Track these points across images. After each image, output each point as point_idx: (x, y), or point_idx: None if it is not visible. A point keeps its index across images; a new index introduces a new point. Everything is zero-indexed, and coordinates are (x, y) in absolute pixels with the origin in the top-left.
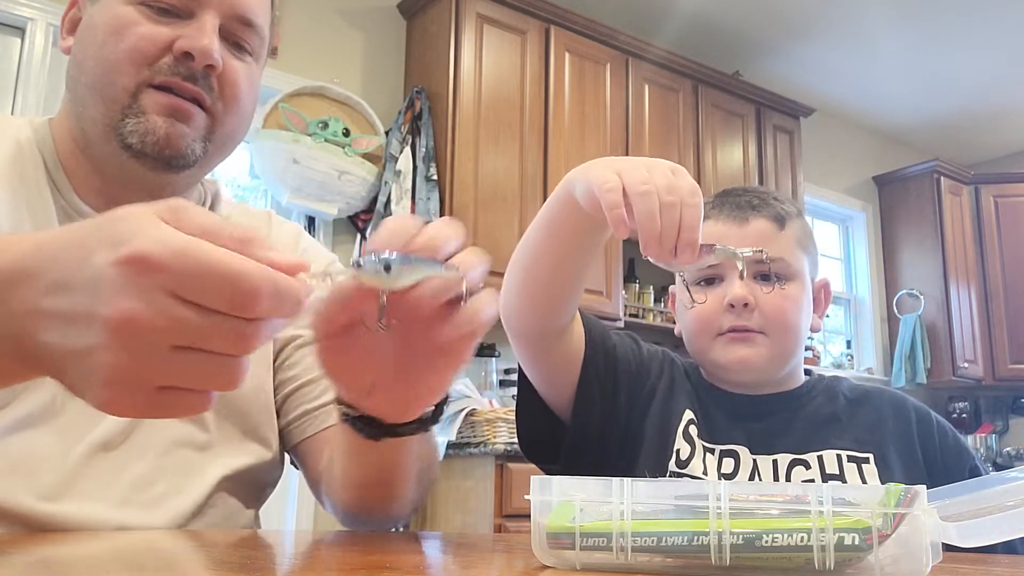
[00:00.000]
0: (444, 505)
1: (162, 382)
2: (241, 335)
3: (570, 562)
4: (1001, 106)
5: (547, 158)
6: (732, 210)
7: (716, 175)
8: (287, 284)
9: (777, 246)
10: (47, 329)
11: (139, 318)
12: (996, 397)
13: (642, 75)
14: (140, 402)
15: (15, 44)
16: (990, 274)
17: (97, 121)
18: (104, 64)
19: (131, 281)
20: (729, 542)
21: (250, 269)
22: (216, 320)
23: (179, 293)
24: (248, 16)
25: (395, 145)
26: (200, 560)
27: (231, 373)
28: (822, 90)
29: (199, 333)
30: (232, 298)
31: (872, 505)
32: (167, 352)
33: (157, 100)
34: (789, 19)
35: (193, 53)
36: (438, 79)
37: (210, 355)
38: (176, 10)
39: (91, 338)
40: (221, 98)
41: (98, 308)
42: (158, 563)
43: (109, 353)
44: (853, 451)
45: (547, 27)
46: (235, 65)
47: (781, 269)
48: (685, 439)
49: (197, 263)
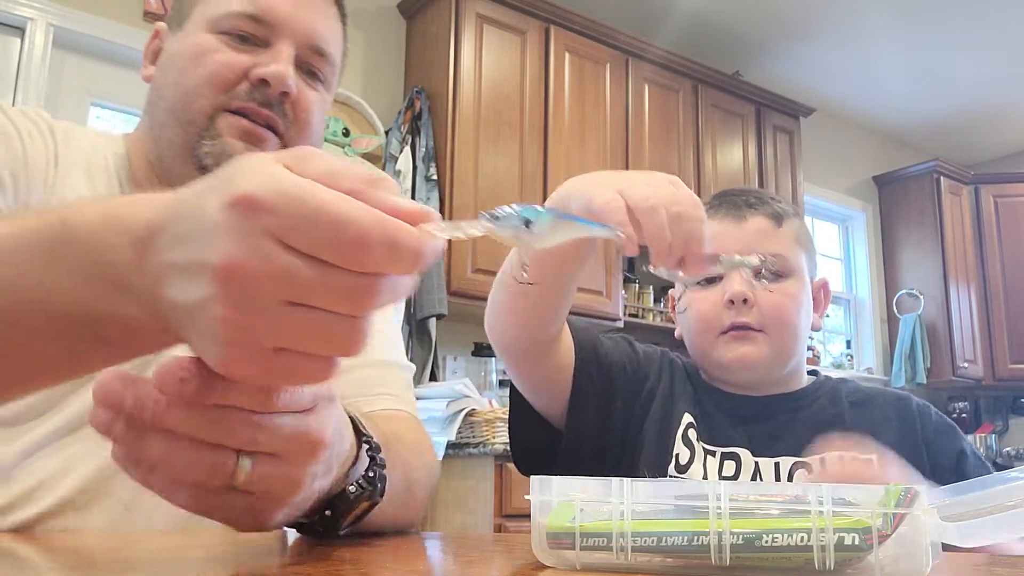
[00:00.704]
0: (444, 505)
1: (277, 342)
2: (354, 290)
3: (570, 562)
4: (1001, 106)
5: (547, 158)
6: (730, 209)
7: (716, 175)
8: (401, 232)
9: (775, 243)
10: (170, 284)
11: (245, 266)
12: (996, 397)
13: (642, 75)
14: (256, 364)
15: (15, 44)
16: (990, 274)
17: (175, 143)
18: (183, 88)
19: (237, 225)
20: (729, 542)
21: (359, 214)
22: (326, 272)
23: (286, 239)
24: (322, 46)
25: (395, 145)
26: (199, 560)
27: (350, 336)
28: (822, 90)
29: (309, 286)
30: (340, 246)
31: (872, 505)
32: (279, 307)
33: (233, 124)
34: (789, 19)
35: (269, 80)
36: (438, 79)
37: (326, 314)
38: (254, 39)
39: (203, 289)
40: (294, 123)
41: (207, 255)
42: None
43: (220, 306)
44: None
45: (547, 27)
46: (308, 93)
47: (779, 266)
48: (684, 443)
49: (303, 205)
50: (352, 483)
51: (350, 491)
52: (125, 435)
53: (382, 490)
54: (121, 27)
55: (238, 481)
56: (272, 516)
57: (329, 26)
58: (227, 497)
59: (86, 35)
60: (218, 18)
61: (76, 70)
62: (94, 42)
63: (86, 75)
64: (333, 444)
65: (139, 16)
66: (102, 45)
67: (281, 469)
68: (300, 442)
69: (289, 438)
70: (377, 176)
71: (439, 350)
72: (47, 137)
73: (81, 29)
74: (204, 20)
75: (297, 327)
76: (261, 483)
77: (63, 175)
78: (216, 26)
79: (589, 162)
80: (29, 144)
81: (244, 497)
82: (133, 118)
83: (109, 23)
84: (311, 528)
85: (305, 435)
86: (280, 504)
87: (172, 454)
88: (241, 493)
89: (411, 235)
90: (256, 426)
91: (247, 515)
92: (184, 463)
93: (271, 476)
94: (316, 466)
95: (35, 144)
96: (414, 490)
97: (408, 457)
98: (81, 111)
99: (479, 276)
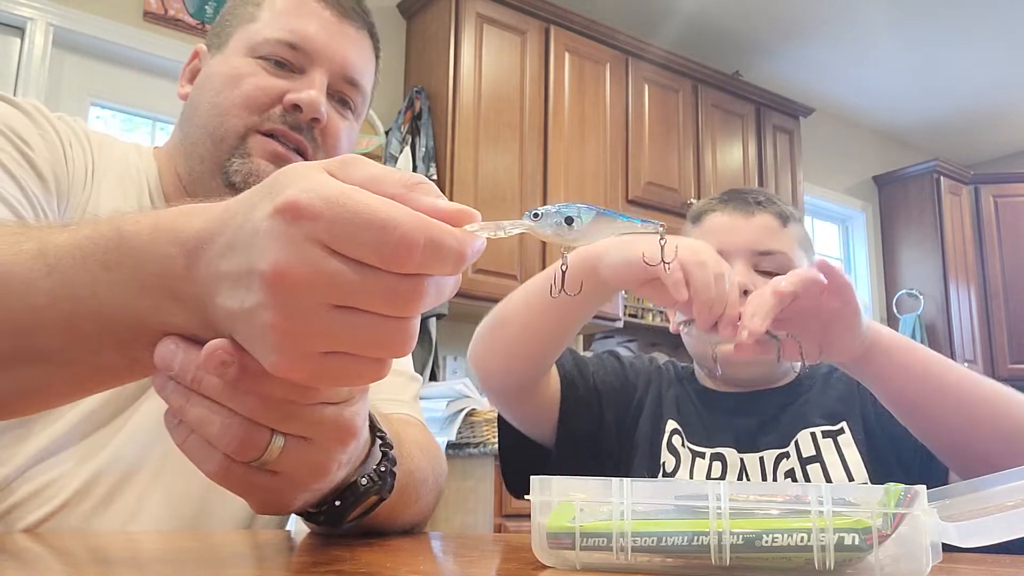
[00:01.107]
0: (444, 505)
1: (327, 347)
2: (399, 292)
3: (570, 562)
4: (1001, 106)
5: (547, 158)
6: (740, 204)
7: (716, 175)
8: (444, 234)
9: (780, 241)
10: (221, 293)
11: (292, 272)
12: None
13: (642, 75)
14: (308, 367)
15: (15, 44)
16: (990, 274)
17: (205, 159)
18: (218, 108)
19: (283, 232)
20: (729, 542)
21: (400, 216)
22: (372, 275)
23: (331, 244)
24: (355, 77)
25: (395, 145)
26: (199, 560)
27: (397, 337)
28: (822, 90)
29: (355, 290)
30: (384, 249)
31: (872, 505)
32: (327, 312)
33: (263, 145)
34: (789, 19)
35: (302, 106)
36: (438, 79)
37: (373, 316)
38: (291, 65)
39: (253, 297)
40: (322, 149)
41: (256, 263)
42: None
43: (269, 312)
44: (826, 425)
45: (547, 27)
46: (338, 121)
47: (782, 263)
48: (669, 451)
49: (345, 210)
50: (364, 475)
51: (361, 483)
52: (172, 396)
53: (391, 486)
54: (121, 27)
55: (269, 458)
56: (292, 500)
57: (362, 58)
58: (254, 474)
59: (86, 35)
60: (257, 44)
61: (76, 70)
62: (94, 42)
63: (86, 75)
64: (362, 435)
65: (139, 16)
66: (102, 45)
67: (311, 453)
68: (333, 429)
69: (324, 424)
70: (418, 180)
71: (439, 350)
72: (84, 145)
73: (81, 29)
74: (244, 45)
75: (345, 331)
76: (289, 464)
77: (98, 184)
78: (255, 51)
79: (589, 162)
80: (69, 150)
81: (269, 477)
82: (133, 118)
83: (109, 23)
84: (316, 518)
85: (339, 423)
86: (302, 488)
87: (209, 420)
88: (268, 472)
89: (453, 236)
90: (293, 411)
91: (269, 495)
92: (219, 431)
93: (300, 459)
94: (343, 455)
95: (75, 151)
96: (421, 492)
97: (418, 459)
98: (81, 111)
99: (479, 276)
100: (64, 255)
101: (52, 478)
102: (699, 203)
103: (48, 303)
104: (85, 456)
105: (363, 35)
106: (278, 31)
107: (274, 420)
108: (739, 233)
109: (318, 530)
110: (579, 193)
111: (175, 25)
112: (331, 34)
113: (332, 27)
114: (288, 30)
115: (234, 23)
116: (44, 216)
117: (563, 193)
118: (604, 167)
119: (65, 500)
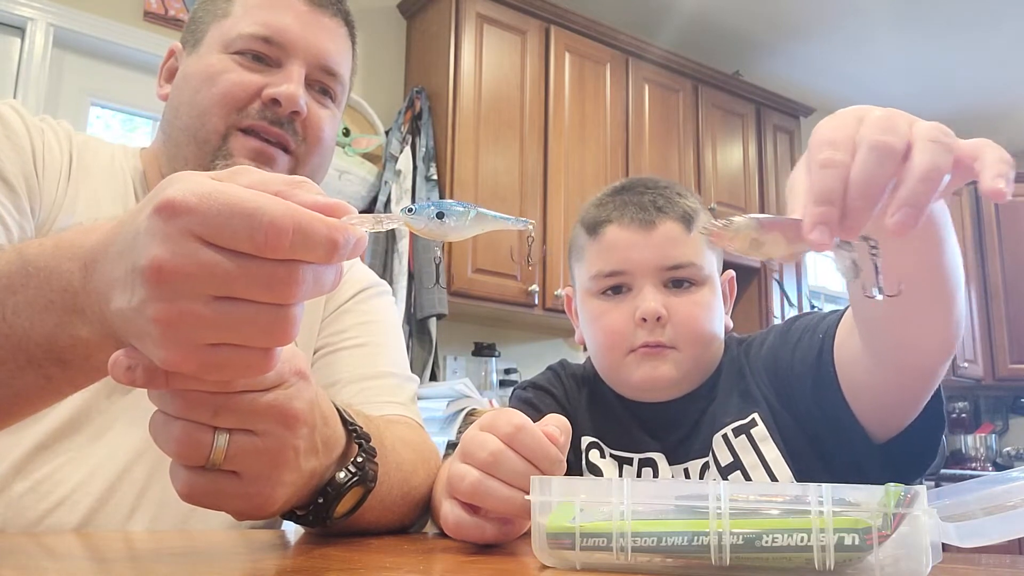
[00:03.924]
0: None
1: (211, 338)
2: (274, 278)
3: (570, 562)
4: (1001, 106)
5: (547, 158)
6: (637, 212)
7: (716, 175)
8: (312, 221)
9: (687, 251)
10: (113, 297)
11: (169, 265)
12: (996, 397)
13: (642, 75)
14: (195, 359)
15: (15, 44)
16: (990, 274)
17: (189, 161)
18: (198, 108)
19: (160, 229)
20: (729, 542)
21: (269, 204)
22: (246, 263)
23: (206, 236)
24: (332, 66)
25: (395, 145)
26: (200, 560)
27: (279, 324)
28: (822, 90)
29: (231, 278)
30: (252, 235)
31: (872, 505)
32: (208, 303)
33: (245, 144)
34: (789, 19)
35: (280, 100)
36: (438, 79)
37: (253, 305)
38: (266, 59)
39: (138, 294)
40: (305, 141)
41: (137, 261)
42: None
43: (151, 306)
44: (737, 421)
45: (547, 27)
46: (318, 111)
47: (692, 274)
48: (590, 470)
49: (217, 202)
50: (341, 469)
51: (339, 477)
52: None
53: (373, 476)
54: (121, 27)
55: (218, 458)
56: (268, 500)
57: (338, 46)
58: (217, 480)
59: (86, 35)
60: (231, 40)
61: (76, 70)
62: (94, 42)
63: (86, 75)
64: (313, 422)
65: (139, 16)
66: (102, 45)
67: (258, 444)
68: (274, 415)
69: (261, 413)
70: (300, 180)
71: (439, 350)
72: (63, 145)
73: (81, 29)
74: (218, 41)
75: (227, 320)
76: (244, 461)
77: (75, 184)
78: (230, 47)
79: (589, 162)
80: (45, 152)
81: (234, 480)
82: (133, 118)
83: (109, 23)
84: (304, 519)
85: (276, 408)
86: (270, 483)
87: (155, 429)
88: (227, 475)
89: (323, 223)
90: (224, 405)
91: (241, 500)
92: (164, 437)
93: (252, 453)
94: (296, 440)
95: (51, 152)
96: (412, 483)
97: (402, 451)
98: (81, 111)
99: (479, 276)
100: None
101: (47, 473)
102: (590, 206)
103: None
104: (81, 452)
105: (337, 23)
106: (251, 25)
107: (207, 416)
108: (639, 250)
109: (318, 531)
110: (579, 193)
111: (175, 25)
112: (305, 24)
113: (306, 17)
114: (261, 23)
115: (207, 20)
116: (13, 219)
117: (563, 193)
118: (604, 167)
119: (63, 496)
